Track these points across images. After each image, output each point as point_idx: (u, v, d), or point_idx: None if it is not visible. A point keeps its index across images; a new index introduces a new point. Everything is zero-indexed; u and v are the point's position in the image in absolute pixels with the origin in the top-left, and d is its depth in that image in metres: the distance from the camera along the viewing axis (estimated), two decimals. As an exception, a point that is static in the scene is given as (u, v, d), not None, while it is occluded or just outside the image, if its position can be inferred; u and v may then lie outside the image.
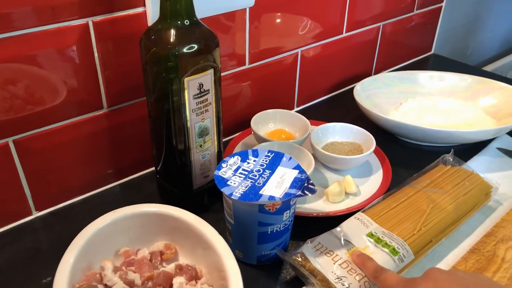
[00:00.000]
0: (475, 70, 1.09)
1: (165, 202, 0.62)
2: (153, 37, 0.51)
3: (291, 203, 0.50)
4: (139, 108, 0.64)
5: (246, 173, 0.51)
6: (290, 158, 0.53)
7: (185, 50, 0.50)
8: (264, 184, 0.49)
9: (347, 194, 0.63)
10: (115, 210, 0.51)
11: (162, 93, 0.53)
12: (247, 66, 0.74)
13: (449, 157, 0.67)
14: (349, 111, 0.84)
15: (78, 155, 0.61)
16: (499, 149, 0.75)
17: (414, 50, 1.09)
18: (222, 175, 0.51)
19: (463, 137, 0.72)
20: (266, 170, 0.52)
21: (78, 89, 0.57)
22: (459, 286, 0.38)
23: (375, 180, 0.66)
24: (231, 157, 0.54)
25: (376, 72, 1.01)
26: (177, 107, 0.52)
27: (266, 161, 0.53)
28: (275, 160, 0.53)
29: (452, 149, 0.68)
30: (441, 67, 1.07)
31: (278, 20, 0.75)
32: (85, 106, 0.59)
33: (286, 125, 0.75)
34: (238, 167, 0.52)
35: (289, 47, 0.79)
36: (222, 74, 0.72)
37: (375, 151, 0.70)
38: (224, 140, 0.77)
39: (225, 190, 0.48)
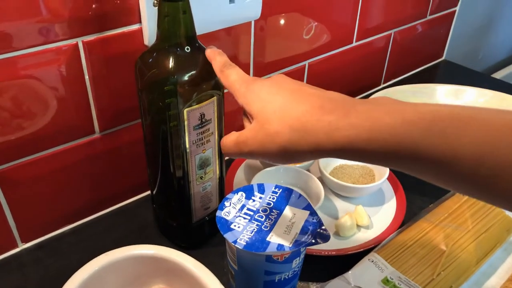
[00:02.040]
0: (490, 80, 1.04)
1: (162, 233, 0.59)
2: (149, 62, 0.46)
3: (301, 250, 0.46)
4: (134, 131, 0.58)
5: (252, 213, 0.46)
6: (300, 196, 0.49)
7: (185, 78, 0.45)
8: (271, 229, 0.45)
9: (358, 226, 0.59)
10: (107, 253, 0.47)
11: (158, 121, 0.48)
12: (251, 81, 0.69)
13: (468, 185, 0.62)
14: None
15: (68, 182, 0.56)
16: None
17: (425, 57, 1.04)
18: (225, 217, 0.46)
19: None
20: (274, 210, 0.47)
21: (67, 114, 0.52)
22: (295, 83, 0.36)
23: (388, 210, 0.61)
24: (234, 194, 0.49)
25: (386, 81, 0.96)
26: (175, 136, 0.47)
27: (273, 198, 0.49)
28: (283, 198, 0.49)
29: (471, 177, 0.63)
30: (453, 75, 1.03)
31: (285, 32, 0.69)
32: (75, 131, 0.54)
33: (292, 144, 0.70)
34: (243, 206, 0.47)
35: (296, 59, 0.74)
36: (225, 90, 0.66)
37: (387, 176, 0.65)
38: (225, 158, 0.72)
39: (228, 237, 0.44)
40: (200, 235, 0.57)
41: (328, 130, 0.31)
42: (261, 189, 0.50)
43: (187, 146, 0.48)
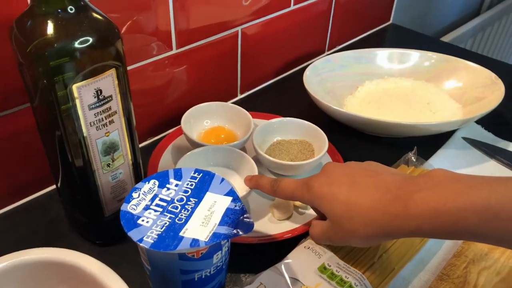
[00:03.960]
0: (438, 43, 1.00)
1: (75, 230, 0.51)
2: (26, 29, 0.37)
3: (222, 243, 0.40)
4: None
5: (165, 204, 0.40)
6: (222, 180, 0.42)
7: (71, 46, 0.37)
8: (186, 221, 0.38)
9: (295, 207, 0.53)
10: (-8, 261, 0.39)
11: (47, 101, 0.39)
12: (174, 51, 0.61)
13: (412, 156, 0.58)
14: (300, 96, 0.72)
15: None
16: (465, 138, 0.67)
17: (371, 21, 0.99)
18: (132, 211, 0.39)
19: (427, 129, 0.63)
20: (191, 199, 0.41)
21: None
22: (347, 175, 0.40)
23: (328, 187, 0.56)
24: (145, 182, 0.42)
25: (330, 48, 0.90)
26: (67, 118, 0.40)
27: (192, 185, 0.42)
28: (203, 184, 0.42)
29: (416, 147, 0.59)
30: (401, 39, 0.98)
31: (211, -7, 0.61)
32: (-48, 117, 0.45)
33: (225, 121, 0.63)
34: (155, 196, 0.41)
35: (227, 25, 0.66)
36: (143, 62, 0.58)
37: (328, 149, 0.60)
38: (151, 141, 0.65)
39: (133, 235, 0.37)
40: (117, 230, 0.50)
41: (395, 223, 0.36)
42: (178, 174, 0.43)
43: (84, 129, 0.41)
